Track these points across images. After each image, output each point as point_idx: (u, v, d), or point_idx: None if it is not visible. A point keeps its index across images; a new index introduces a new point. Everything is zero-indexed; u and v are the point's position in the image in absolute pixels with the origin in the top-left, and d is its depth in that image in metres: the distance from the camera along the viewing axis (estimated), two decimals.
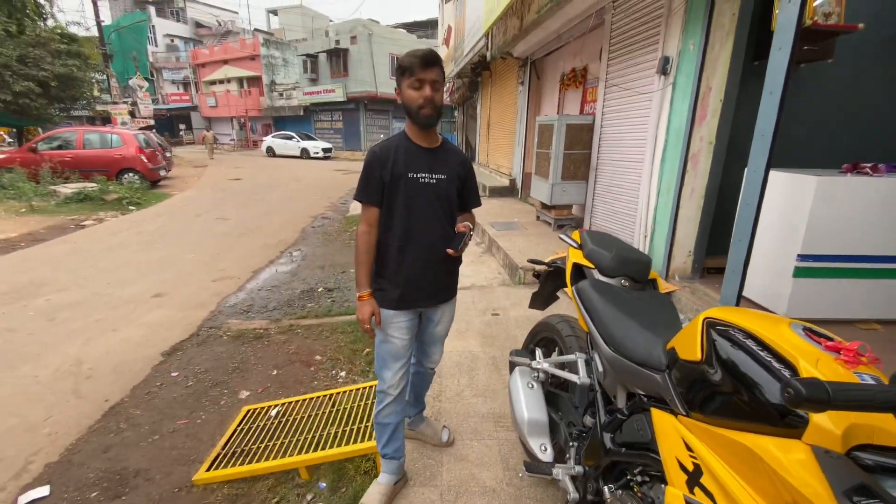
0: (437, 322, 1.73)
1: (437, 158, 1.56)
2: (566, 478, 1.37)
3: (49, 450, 2.18)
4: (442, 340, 1.83)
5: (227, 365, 2.96)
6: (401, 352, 1.63)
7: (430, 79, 1.42)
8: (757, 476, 0.73)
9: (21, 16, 13.12)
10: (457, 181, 1.60)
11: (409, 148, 1.53)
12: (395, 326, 1.61)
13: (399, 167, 1.50)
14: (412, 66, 1.41)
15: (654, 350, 1.08)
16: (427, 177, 1.52)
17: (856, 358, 0.77)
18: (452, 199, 1.59)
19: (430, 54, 1.43)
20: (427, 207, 1.54)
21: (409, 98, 1.45)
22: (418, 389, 1.98)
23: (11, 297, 4.04)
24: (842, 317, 2.75)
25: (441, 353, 1.86)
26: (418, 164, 1.52)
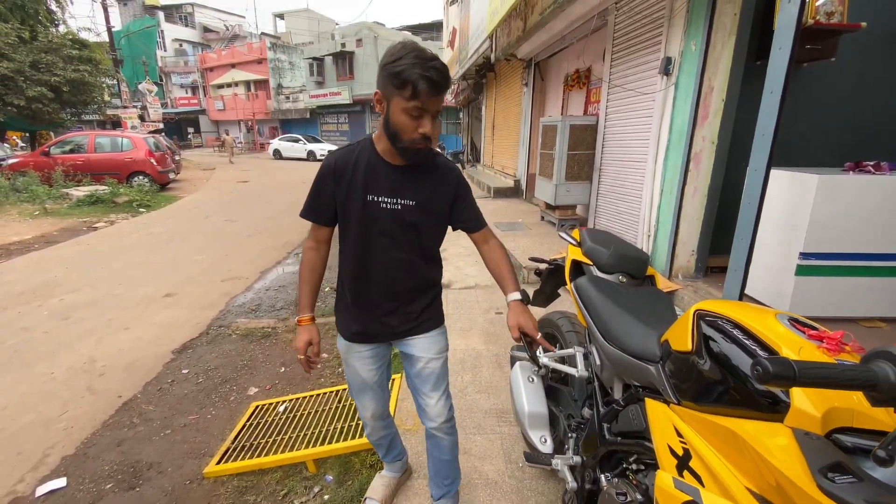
0: (416, 357, 1.41)
1: (407, 179, 1.25)
2: (565, 468, 1.41)
3: (65, 443, 2.25)
4: (435, 385, 1.42)
5: (235, 362, 3.02)
6: (367, 383, 1.44)
7: (434, 110, 1.12)
8: (741, 458, 0.77)
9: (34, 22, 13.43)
10: (435, 206, 1.29)
11: (372, 163, 1.24)
12: (355, 356, 1.41)
13: (355, 186, 1.23)
14: (419, 89, 1.07)
15: (649, 342, 1.11)
16: (389, 201, 1.23)
17: (839, 346, 0.81)
18: (425, 227, 1.30)
19: (444, 76, 1.10)
20: (386, 237, 1.26)
21: (402, 126, 1.13)
22: (435, 462, 1.54)
23: (27, 298, 4.14)
24: (845, 315, 2.75)
25: (440, 405, 1.43)
26: (380, 184, 1.23)
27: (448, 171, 1.32)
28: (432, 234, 1.34)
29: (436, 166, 1.30)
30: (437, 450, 1.51)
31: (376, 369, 1.44)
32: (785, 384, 0.54)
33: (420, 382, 1.43)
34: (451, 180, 1.32)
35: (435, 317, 1.43)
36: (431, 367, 1.41)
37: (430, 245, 1.35)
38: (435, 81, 1.07)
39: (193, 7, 35.55)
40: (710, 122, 3.20)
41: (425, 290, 1.40)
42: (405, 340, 1.41)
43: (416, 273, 1.34)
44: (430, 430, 1.48)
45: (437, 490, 1.57)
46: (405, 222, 1.26)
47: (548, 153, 5.41)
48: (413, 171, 1.26)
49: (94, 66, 13.89)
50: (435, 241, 1.37)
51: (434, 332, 1.42)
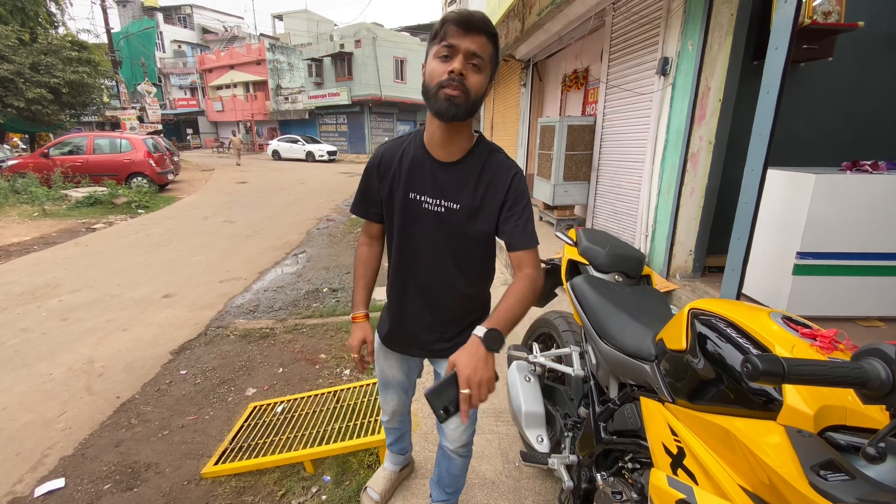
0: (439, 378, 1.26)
1: (454, 178, 1.11)
2: (561, 467, 1.41)
3: (64, 444, 2.25)
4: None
5: (233, 363, 3.02)
6: (391, 382, 1.43)
7: (465, 48, 0.97)
8: (735, 456, 0.77)
9: (33, 24, 13.45)
10: (484, 212, 1.12)
11: (417, 157, 1.13)
12: (385, 356, 1.39)
13: (398, 183, 1.14)
14: (445, 27, 0.97)
15: (644, 341, 1.12)
16: (432, 202, 1.12)
17: (831, 344, 0.81)
18: (472, 234, 1.14)
19: (474, 15, 0.97)
20: (427, 241, 1.15)
21: (431, 71, 1.00)
22: (442, 472, 1.48)
23: (26, 298, 4.15)
24: (843, 314, 2.75)
25: (462, 432, 1.34)
26: (424, 182, 1.12)
27: (505, 170, 1.13)
28: (478, 244, 1.17)
29: (491, 164, 1.13)
30: (447, 463, 1.44)
31: (403, 373, 1.41)
32: (774, 381, 0.55)
33: None
34: (506, 181, 1.12)
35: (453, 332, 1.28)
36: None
37: (474, 257, 1.19)
38: (462, 15, 0.97)
39: (192, 8, 35.57)
40: (707, 121, 3.21)
41: (467, 309, 1.26)
42: (438, 360, 1.32)
43: (456, 287, 1.20)
44: (445, 448, 1.41)
45: (438, 494, 1.52)
46: (447, 227, 1.13)
47: (546, 153, 5.42)
48: (462, 168, 1.11)
49: (93, 67, 13.90)
50: (481, 253, 1.21)
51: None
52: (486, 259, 1.24)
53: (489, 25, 0.99)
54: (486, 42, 0.99)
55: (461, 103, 0.99)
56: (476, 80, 0.99)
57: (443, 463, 1.46)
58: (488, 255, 1.24)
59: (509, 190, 1.12)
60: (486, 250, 1.22)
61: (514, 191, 1.12)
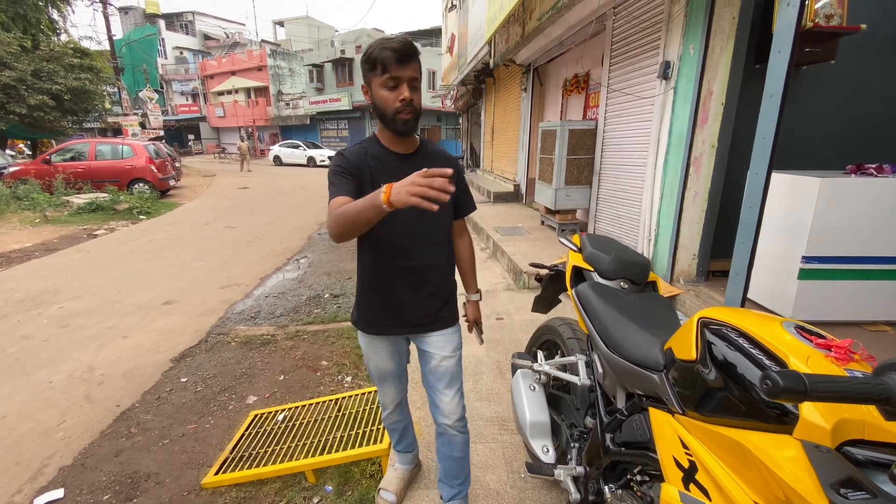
0: (432, 354, 1.47)
1: (416, 165, 1.22)
2: (568, 478, 1.38)
3: (63, 453, 2.23)
4: (450, 383, 1.48)
5: (234, 370, 3.00)
6: (386, 374, 1.52)
7: (407, 76, 1.19)
8: (749, 471, 0.75)
9: (35, 31, 13.50)
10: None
11: (380, 155, 1.32)
12: (374, 350, 1.49)
13: (367, 179, 1.29)
14: (385, 61, 1.17)
15: (652, 350, 1.09)
16: None
17: (847, 355, 0.79)
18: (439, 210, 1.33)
19: (406, 46, 1.18)
20: (403, 224, 1.31)
21: (383, 100, 1.22)
22: (446, 461, 1.56)
23: (26, 305, 4.13)
24: (849, 319, 2.73)
25: (454, 403, 1.49)
26: (391, 174, 1.24)
27: (441, 153, 1.45)
28: (444, 217, 1.41)
29: (437, 152, 1.43)
30: (448, 447, 1.54)
31: (395, 362, 1.52)
32: (795, 399, 0.52)
33: (435, 379, 1.49)
34: (447, 158, 1.44)
35: (451, 315, 1.50)
36: (446, 365, 1.47)
37: (442, 230, 1.43)
38: (397, 49, 1.17)
39: (194, 15, 35.78)
40: (709, 125, 3.19)
41: (443, 282, 1.46)
42: (422, 337, 1.47)
43: (434, 261, 1.42)
44: (442, 428, 1.52)
45: (447, 491, 1.59)
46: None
47: (547, 158, 5.41)
48: (418, 157, 1.35)
49: (95, 74, 13.94)
50: (446, 225, 1.45)
51: (450, 329, 1.49)
52: (449, 230, 1.49)
53: (416, 51, 1.23)
54: (417, 65, 1.23)
55: (413, 122, 1.27)
56: (418, 98, 1.25)
57: (444, 450, 1.56)
58: (450, 226, 1.49)
59: (456, 171, 1.30)
60: (449, 222, 1.47)
61: (458, 172, 1.38)
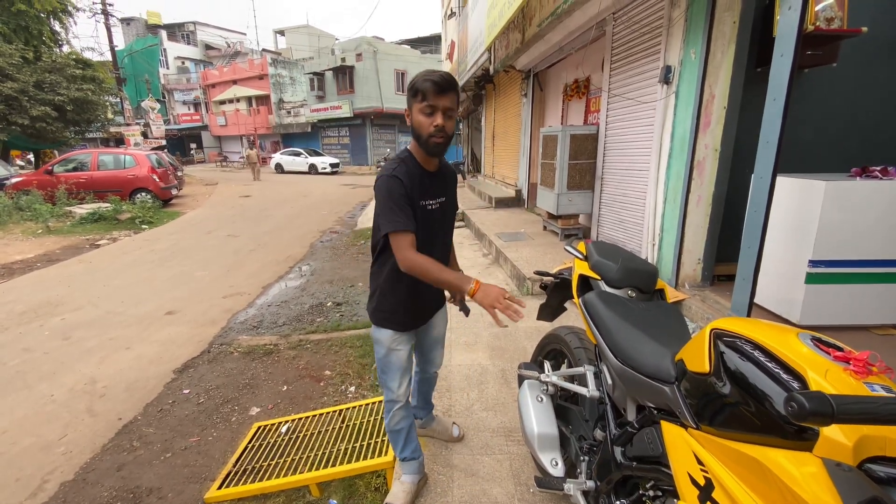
0: (434, 327, 1.82)
1: (438, 181, 1.56)
2: (578, 493, 1.35)
3: (64, 468, 2.21)
4: (441, 343, 1.91)
5: (237, 381, 2.98)
6: (405, 363, 1.69)
7: (443, 106, 1.36)
8: (769, 490, 0.72)
9: (38, 43, 13.63)
10: (454, 198, 1.67)
11: (416, 173, 1.49)
12: (400, 344, 1.66)
13: (414, 194, 1.46)
14: (425, 91, 1.34)
15: (663, 362, 1.07)
16: (433, 203, 1.52)
17: (866, 368, 0.76)
18: (452, 217, 1.68)
19: (446, 79, 1.35)
20: (431, 233, 1.54)
21: (420, 124, 1.39)
22: (426, 393, 2.06)
23: (28, 317, 4.12)
24: (857, 323, 2.70)
25: (442, 355, 1.95)
26: (426, 190, 1.50)
27: (453, 171, 1.69)
28: (453, 222, 1.71)
29: (447, 167, 1.66)
30: (427, 386, 2.03)
31: (410, 350, 1.73)
32: (822, 422, 0.50)
33: (432, 346, 1.87)
34: (453, 173, 1.68)
35: (443, 294, 1.82)
36: (439, 332, 1.87)
37: (452, 231, 1.73)
38: (437, 82, 1.34)
39: (195, 25, 36.08)
40: (712, 129, 3.18)
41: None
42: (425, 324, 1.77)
43: (449, 254, 1.74)
44: (430, 374, 1.97)
45: (424, 411, 2.09)
46: (445, 216, 1.61)
47: (549, 163, 5.40)
48: (440, 173, 1.58)
49: (97, 84, 14.04)
50: (453, 228, 1.74)
51: (444, 306, 1.85)
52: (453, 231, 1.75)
53: (454, 85, 1.39)
54: (454, 97, 1.39)
55: (444, 147, 1.45)
56: (451, 125, 1.42)
57: (423, 388, 2.03)
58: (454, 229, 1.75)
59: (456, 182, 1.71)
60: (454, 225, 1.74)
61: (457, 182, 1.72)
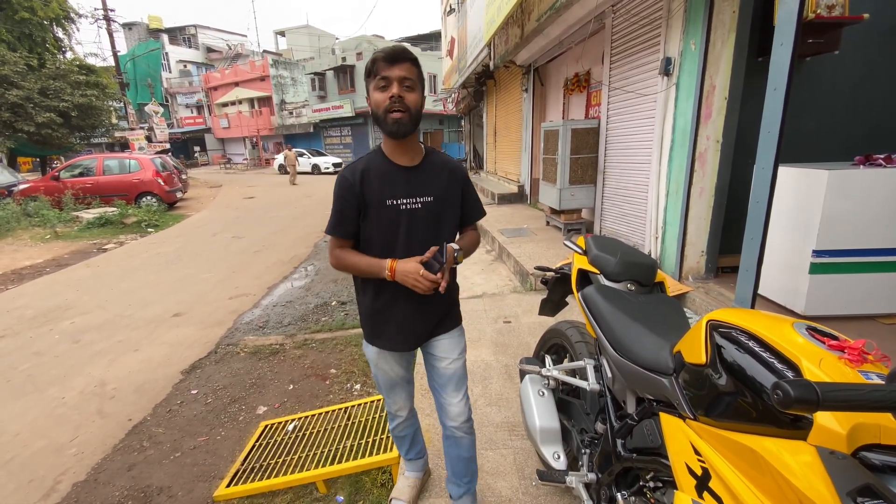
0: (439, 357, 1.47)
1: (421, 177, 1.32)
2: (580, 485, 1.36)
3: (76, 469, 2.25)
4: (457, 386, 1.48)
5: (244, 381, 3.01)
6: (395, 381, 1.50)
7: (397, 76, 1.20)
8: (764, 479, 0.73)
9: (41, 50, 13.78)
10: (451, 198, 1.37)
11: (383, 168, 1.29)
12: (383, 360, 1.46)
13: (372, 193, 1.27)
14: (376, 65, 1.21)
15: (661, 354, 1.08)
16: (409, 202, 1.29)
17: (861, 356, 0.77)
18: (447, 220, 1.37)
19: (396, 50, 1.21)
20: (412, 238, 1.30)
21: (375, 103, 1.23)
22: (453, 461, 1.55)
23: (38, 322, 4.19)
24: (863, 312, 2.68)
25: (462, 405, 1.48)
26: (396, 187, 1.28)
27: (456, 165, 1.43)
28: (451, 226, 1.40)
29: (444, 161, 1.40)
30: (456, 448, 1.53)
31: (403, 367, 1.50)
32: (808, 409, 0.51)
33: (443, 383, 1.48)
34: (460, 173, 1.42)
35: (456, 316, 1.50)
36: (453, 368, 1.47)
37: (449, 238, 1.39)
38: (387, 53, 1.20)
39: (196, 28, 36.21)
40: (713, 120, 3.16)
41: (448, 290, 1.38)
42: (429, 341, 1.47)
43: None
44: (450, 431, 1.51)
45: (456, 489, 1.59)
46: (429, 218, 1.32)
47: (550, 158, 5.39)
48: (424, 167, 1.33)
49: (101, 90, 14.16)
50: (453, 235, 1.41)
51: (455, 331, 1.49)
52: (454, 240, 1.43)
53: (410, 53, 1.24)
54: (410, 67, 1.22)
55: (406, 122, 1.23)
56: (412, 98, 1.23)
57: (452, 451, 1.54)
58: (455, 235, 1.43)
59: (465, 178, 1.43)
60: (455, 232, 1.42)
61: (464, 178, 1.43)
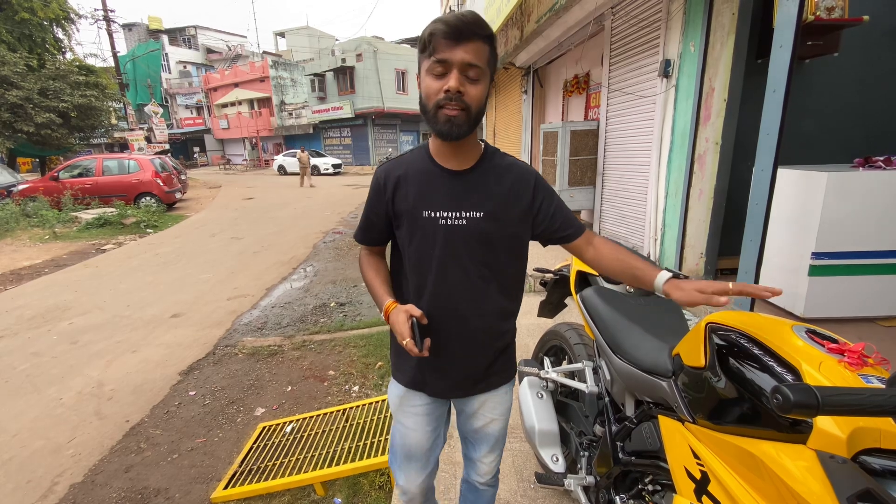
0: (472, 415, 1.18)
1: (471, 185, 1.02)
2: (578, 488, 1.36)
3: (74, 470, 2.24)
4: (494, 447, 1.22)
5: (242, 382, 3.00)
6: (414, 448, 1.16)
7: (459, 60, 0.88)
8: (763, 483, 0.72)
9: (41, 51, 13.77)
10: (511, 216, 1.04)
11: (425, 171, 1.03)
12: (406, 410, 1.15)
13: (406, 201, 1.02)
14: (434, 40, 0.89)
15: (660, 356, 1.07)
16: (451, 215, 1.00)
17: (860, 360, 0.76)
18: (501, 243, 1.04)
19: (465, 20, 0.87)
20: (452, 259, 1.02)
21: (426, 90, 0.93)
22: None
23: (37, 322, 4.17)
24: (862, 314, 2.68)
25: (494, 464, 1.26)
26: (438, 196, 1.01)
27: (523, 171, 1.07)
28: (510, 251, 1.07)
29: (507, 167, 1.06)
30: (474, 496, 1.32)
31: (431, 432, 1.16)
32: (808, 414, 0.51)
33: (477, 440, 1.22)
34: (527, 181, 1.05)
35: (506, 368, 1.17)
36: (494, 428, 1.19)
37: (507, 266, 1.07)
38: (450, 23, 0.87)
39: (196, 29, 36.24)
40: (712, 122, 3.16)
41: (499, 333, 1.12)
42: (468, 398, 1.17)
43: (490, 306, 1.07)
44: (473, 482, 1.29)
45: None
46: (474, 239, 1.01)
47: (549, 159, 5.39)
48: (478, 174, 1.03)
49: (100, 90, 14.15)
50: (514, 261, 1.09)
51: (503, 387, 1.18)
52: (517, 268, 1.11)
53: (482, 27, 0.89)
54: (480, 47, 0.90)
55: (462, 122, 0.92)
56: (475, 93, 0.91)
57: (469, 496, 1.34)
58: (520, 262, 1.10)
59: (536, 187, 1.06)
60: (517, 257, 1.09)
61: (541, 188, 1.06)
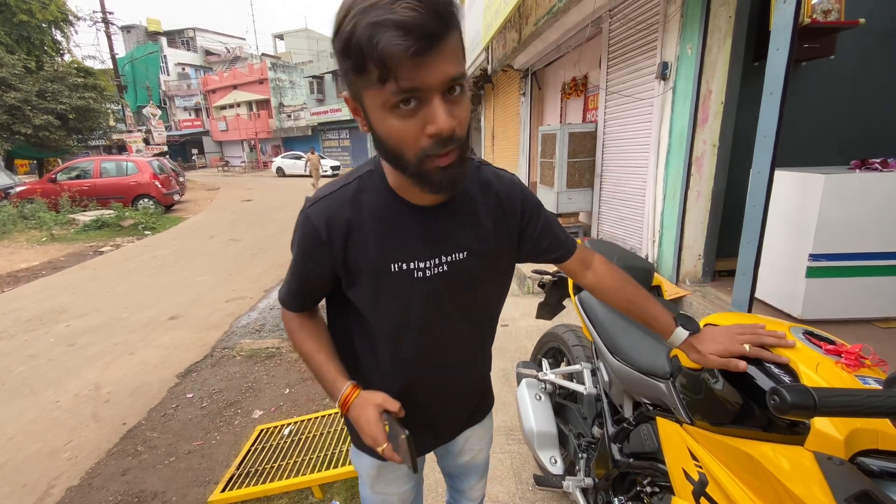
0: (457, 453, 1.08)
1: (448, 221, 0.78)
2: (577, 490, 1.36)
3: (70, 474, 2.22)
4: (483, 473, 1.16)
5: (240, 385, 2.99)
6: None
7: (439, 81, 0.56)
8: (761, 484, 0.72)
9: (39, 52, 13.77)
10: (501, 245, 0.84)
11: (386, 209, 0.75)
12: (387, 478, 0.98)
13: (364, 253, 0.75)
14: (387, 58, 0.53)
15: (658, 358, 1.07)
16: (429, 264, 0.77)
17: (858, 361, 0.77)
18: (487, 283, 0.86)
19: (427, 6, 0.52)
20: (437, 317, 0.81)
21: (394, 134, 0.61)
22: None
23: (34, 324, 4.16)
24: (860, 316, 2.69)
25: (483, 489, 1.19)
26: (409, 242, 0.75)
27: (507, 184, 0.84)
28: (497, 288, 0.90)
29: (486, 183, 0.82)
30: None
31: (410, 489, 1.02)
32: (805, 415, 0.51)
33: (464, 473, 1.14)
34: (513, 198, 0.84)
35: (489, 401, 1.09)
36: (480, 458, 1.12)
37: (493, 306, 0.92)
38: (409, 24, 0.51)
39: (195, 31, 36.29)
40: (710, 125, 3.17)
41: (484, 376, 1.02)
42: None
43: (480, 358, 0.96)
44: None
45: None
46: (459, 286, 0.80)
47: (548, 161, 5.40)
48: (458, 202, 0.78)
49: (99, 92, 14.14)
50: (499, 299, 0.93)
51: (487, 418, 1.09)
52: (501, 305, 0.94)
53: (451, 7, 0.56)
54: (456, 40, 0.58)
55: (462, 164, 0.64)
56: (463, 113, 0.62)
57: None
58: (504, 296, 0.94)
59: (523, 202, 0.85)
60: (503, 293, 0.93)
61: (527, 202, 0.86)
